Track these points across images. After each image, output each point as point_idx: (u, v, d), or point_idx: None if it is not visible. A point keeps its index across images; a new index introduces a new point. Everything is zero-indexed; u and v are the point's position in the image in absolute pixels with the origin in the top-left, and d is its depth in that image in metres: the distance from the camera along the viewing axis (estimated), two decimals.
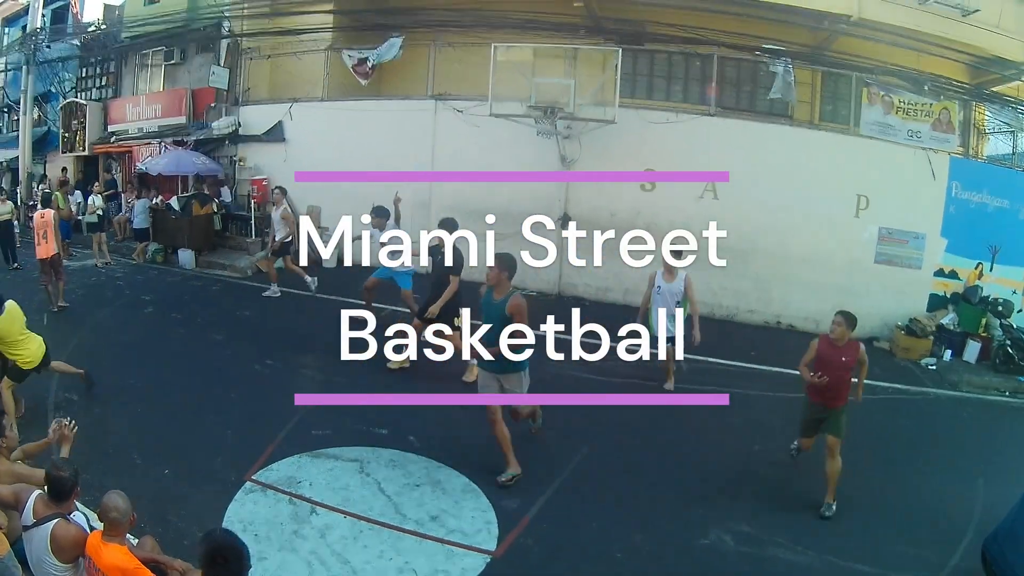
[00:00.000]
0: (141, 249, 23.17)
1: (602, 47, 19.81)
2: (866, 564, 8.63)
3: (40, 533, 6.05)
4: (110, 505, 5.94)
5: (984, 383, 16.53)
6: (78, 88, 31.82)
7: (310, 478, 9.63)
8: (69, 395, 11.91)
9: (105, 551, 5.85)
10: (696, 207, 19.42)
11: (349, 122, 22.35)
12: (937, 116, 18.94)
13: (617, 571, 8.30)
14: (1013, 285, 19.21)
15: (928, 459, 12.17)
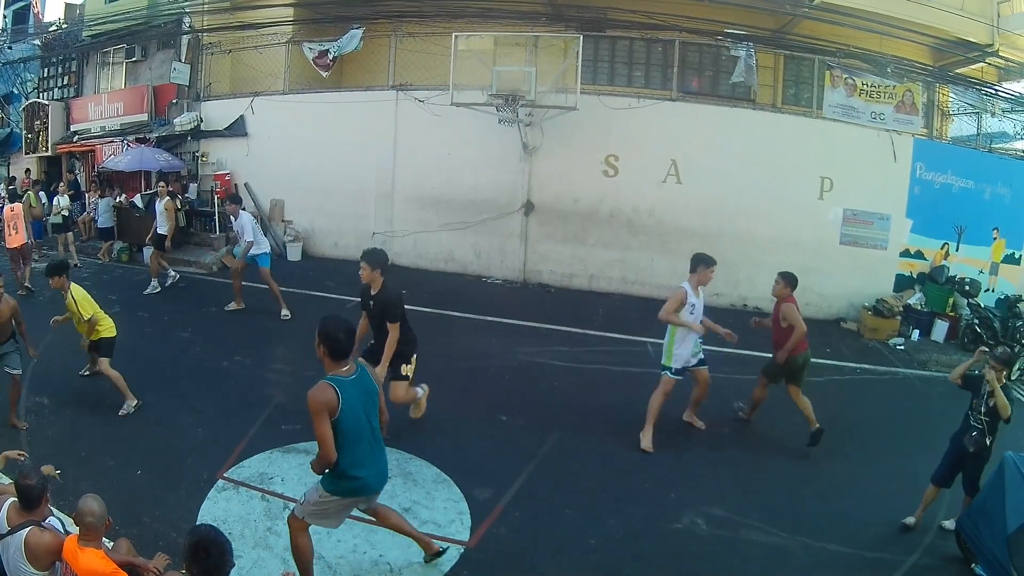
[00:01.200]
0: (106, 248, 22.97)
1: (563, 34, 19.81)
2: (840, 544, 8.68)
3: (14, 542, 5.95)
4: (85, 510, 5.85)
5: (952, 362, 16.07)
6: (40, 88, 31.56)
7: (282, 473, 9.59)
8: (40, 399, 11.72)
9: (82, 556, 5.76)
10: (659, 192, 19.64)
11: (311, 115, 22.38)
12: (900, 98, 19.12)
13: (592, 558, 8.29)
14: (979, 264, 19.49)
15: (899, 439, 12.26)
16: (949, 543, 8.65)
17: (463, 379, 13.40)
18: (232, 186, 23.61)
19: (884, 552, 8.60)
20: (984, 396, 8.79)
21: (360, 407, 6.78)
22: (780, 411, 12.69)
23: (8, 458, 7.39)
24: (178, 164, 24.48)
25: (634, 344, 16.00)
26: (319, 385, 6.61)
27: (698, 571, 8.27)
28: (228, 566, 5.29)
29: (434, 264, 20.82)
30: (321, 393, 6.55)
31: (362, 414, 6.81)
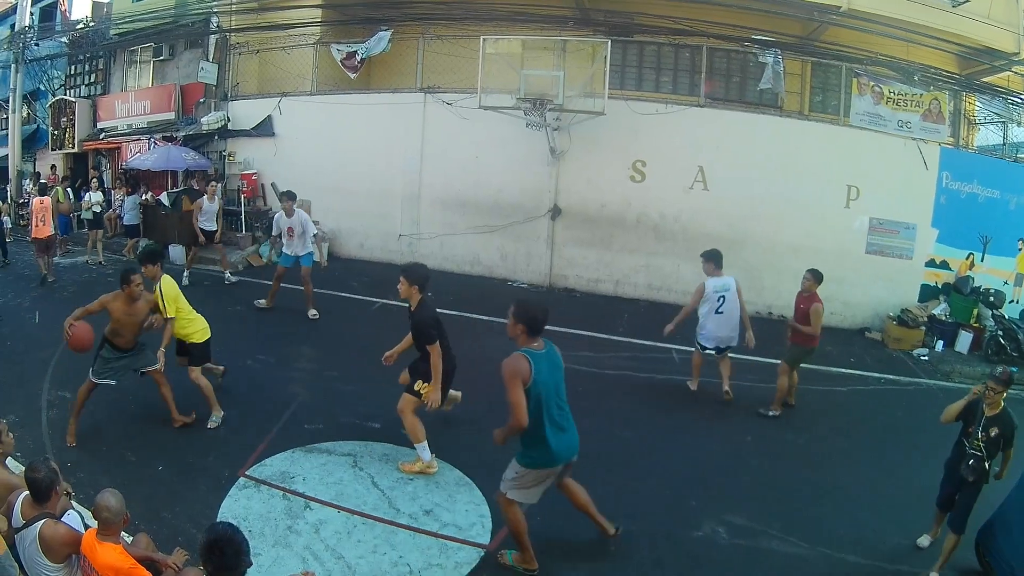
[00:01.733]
0: (131, 245, 23.01)
1: (591, 39, 19.68)
2: (860, 556, 8.64)
3: (29, 534, 6.02)
4: (102, 505, 5.90)
5: (977, 374, 16.33)
6: (67, 85, 31.64)
7: (303, 473, 9.60)
8: (62, 393, 11.83)
9: (100, 550, 5.80)
10: (686, 198, 19.57)
11: (338, 116, 22.38)
12: (927, 106, 18.98)
13: (611, 563, 8.28)
14: (1004, 275, 19.32)
15: (921, 450, 12.03)
16: (969, 556, 8.58)
17: (487, 382, 13.30)
18: (259, 186, 23.71)
19: (903, 564, 8.57)
20: (981, 421, 8.44)
21: (549, 378, 7.25)
22: (801, 421, 12.84)
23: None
24: (205, 163, 24.62)
25: (659, 351, 15.98)
26: (514, 356, 7.25)
27: None
28: (244, 565, 5.31)
29: (460, 267, 20.86)
30: (515, 362, 7.17)
31: (551, 385, 7.29)
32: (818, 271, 13.31)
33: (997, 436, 8.22)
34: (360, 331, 15.32)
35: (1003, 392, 8.28)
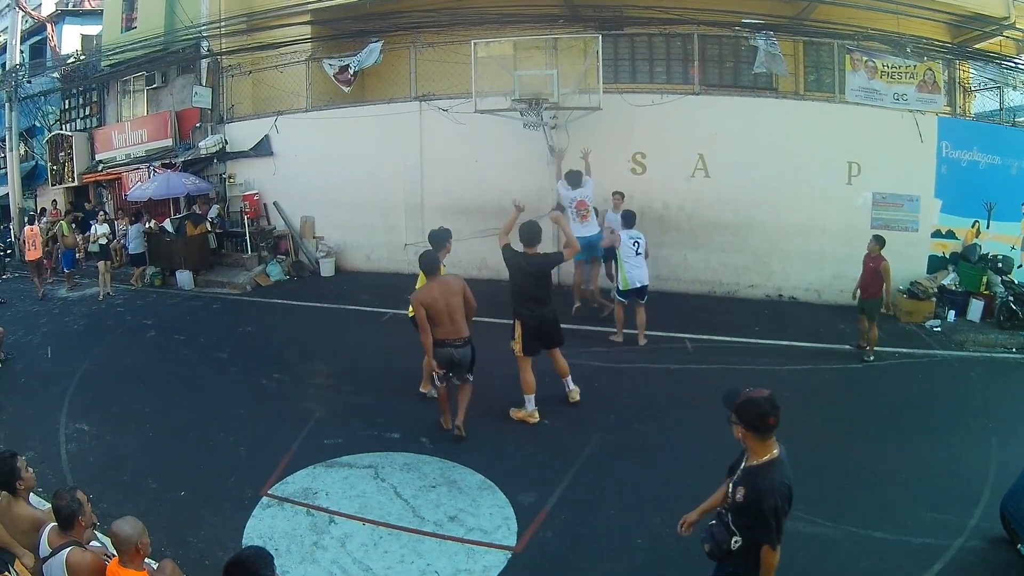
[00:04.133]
0: (139, 274, 23.16)
1: (582, 34, 19.74)
2: (885, 531, 8.62)
3: (56, 562, 6.01)
4: (116, 532, 5.90)
5: (990, 341, 16.55)
6: (62, 120, 31.95)
7: (326, 488, 9.59)
8: (80, 425, 11.87)
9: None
10: (688, 186, 19.58)
11: (335, 130, 22.42)
12: (922, 77, 18.90)
13: (638, 556, 8.28)
14: (1011, 241, 19.26)
15: (940, 422, 12.20)
16: (995, 525, 8.55)
17: (503, 384, 13.34)
18: (261, 206, 23.81)
19: (930, 537, 8.51)
20: (737, 472, 6.14)
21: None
22: (818, 400, 12.86)
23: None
24: (206, 187, 24.76)
25: (672, 341, 16.04)
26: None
27: None
28: None
29: (468, 272, 20.40)
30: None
31: None
32: (881, 237, 15.37)
33: (743, 503, 5.78)
34: (372, 343, 15.35)
35: (741, 428, 5.92)
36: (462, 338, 10.52)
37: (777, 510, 5.44)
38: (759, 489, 5.56)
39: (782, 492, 5.48)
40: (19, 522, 6.81)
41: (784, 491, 5.50)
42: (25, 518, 6.82)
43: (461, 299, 10.42)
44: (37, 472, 8.07)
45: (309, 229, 23.62)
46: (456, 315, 10.35)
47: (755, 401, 5.64)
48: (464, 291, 10.46)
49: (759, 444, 5.71)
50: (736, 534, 5.76)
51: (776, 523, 5.46)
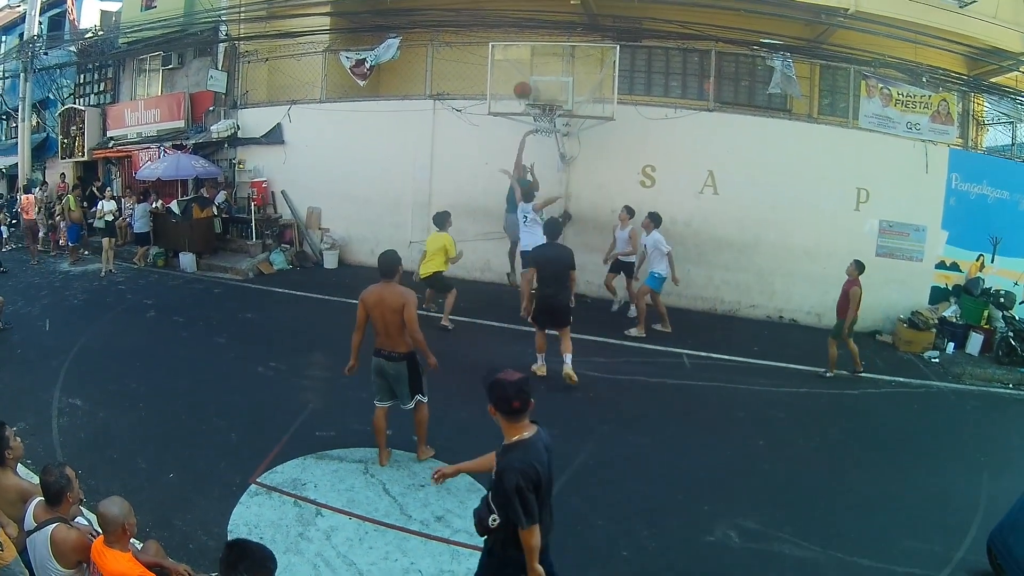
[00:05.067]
0: (142, 253, 23.17)
1: (600, 44, 19.69)
2: (872, 559, 8.61)
3: (40, 537, 6.05)
4: (102, 512, 5.93)
5: (987, 375, 16.54)
6: (76, 94, 31.98)
7: (315, 480, 9.58)
8: (73, 400, 11.90)
9: (109, 557, 5.83)
10: (696, 202, 19.55)
11: (348, 123, 22.45)
12: (936, 108, 18.92)
13: (624, 569, 8.28)
14: (1014, 277, 19.16)
15: (932, 453, 12.20)
16: (981, 559, 8.54)
17: None
18: (269, 194, 23.89)
19: (915, 567, 8.53)
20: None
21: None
22: (812, 424, 12.92)
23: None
24: (215, 171, 24.82)
25: (670, 355, 16.06)
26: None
27: None
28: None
29: (471, 273, 20.86)
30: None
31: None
32: (861, 262, 15.39)
33: (493, 481, 5.95)
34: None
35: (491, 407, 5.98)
36: (397, 352, 9.78)
37: (518, 489, 5.54)
38: (502, 468, 5.71)
39: (524, 472, 5.58)
40: (5, 492, 6.84)
41: (527, 472, 5.60)
42: (11, 488, 6.85)
43: (398, 317, 9.55)
44: (27, 444, 8.11)
45: (315, 220, 23.67)
46: (391, 329, 9.68)
47: (500, 383, 5.80)
48: (403, 309, 9.49)
49: (508, 425, 5.84)
50: (494, 512, 5.86)
51: (520, 503, 5.57)
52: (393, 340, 9.74)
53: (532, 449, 5.75)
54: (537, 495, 5.65)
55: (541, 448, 5.82)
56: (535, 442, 5.80)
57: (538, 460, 5.71)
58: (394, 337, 9.72)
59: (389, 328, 9.68)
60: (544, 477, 5.72)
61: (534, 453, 5.73)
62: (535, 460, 5.68)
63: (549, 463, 5.86)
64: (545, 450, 5.85)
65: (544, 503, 5.86)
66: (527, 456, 5.68)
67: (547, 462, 5.82)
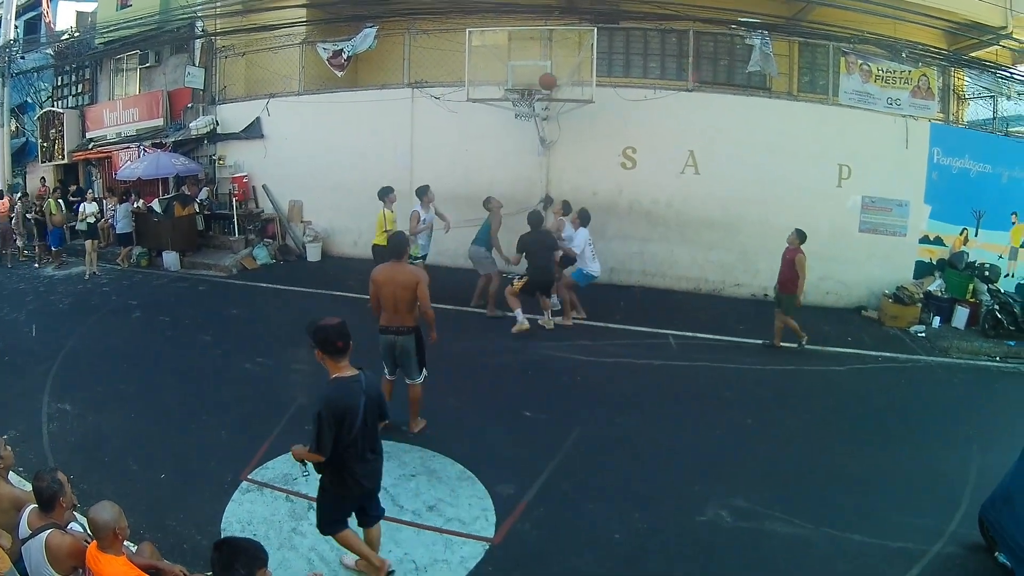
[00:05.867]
0: (125, 254, 22.99)
1: (577, 27, 19.73)
2: (864, 534, 8.63)
3: (35, 544, 5.97)
4: (92, 519, 5.84)
5: (974, 349, 16.69)
6: (54, 97, 31.73)
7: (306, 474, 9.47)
8: (62, 405, 11.79)
9: (104, 562, 5.73)
10: (678, 183, 19.62)
11: (327, 115, 22.44)
12: (916, 83, 18.99)
13: (616, 551, 8.27)
14: (998, 250, 19.33)
15: (921, 427, 12.26)
16: (973, 531, 8.56)
17: (485, 375, 13.51)
18: (250, 188, 23.78)
19: (908, 541, 8.51)
20: None
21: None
22: (800, 402, 12.94)
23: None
24: (195, 168, 24.63)
25: (656, 336, 16.12)
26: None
27: (723, 563, 8.23)
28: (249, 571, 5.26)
29: (454, 261, 20.65)
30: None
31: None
32: (802, 231, 15.28)
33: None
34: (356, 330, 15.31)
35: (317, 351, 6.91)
36: (405, 327, 10.41)
37: (319, 417, 6.43)
38: (317, 397, 6.72)
39: (328, 403, 6.49)
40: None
41: (331, 403, 6.51)
42: (4, 497, 6.77)
43: (411, 294, 10.22)
44: (18, 452, 8.08)
45: (297, 213, 23.61)
46: (401, 306, 10.29)
47: (324, 328, 6.76)
48: (416, 287, 10.18)
49: (332, 364, 6.75)
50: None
51: (317, 429, 6.48)
52: (402, 316, 10.31)
53: (345, 387, 6.64)
54: (340, 428, 6.51)
55: (357, 390, 6.68)
56: (351, 383, 6.69)
57: (348, 397, 6.60)
58: (403, 313, 10.30)
59: (399, 304, 10.24)
60: (351, 414, 6.57)
61: (345, 391, 6.62)
62: (344, 396, 6.59)
63: (367, 405, 6.71)
64: (363, 393, 6.71)
65: (357, 441, 6.72)
66: (337, 391, 6.59)
67: (362, 404, 6.67)
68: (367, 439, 6.85)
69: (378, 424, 7.09)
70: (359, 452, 6.80)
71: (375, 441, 7.04)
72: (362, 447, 6.81)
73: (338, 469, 6.79)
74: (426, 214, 17.26)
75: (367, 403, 6.72)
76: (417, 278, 10.23)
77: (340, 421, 6.50)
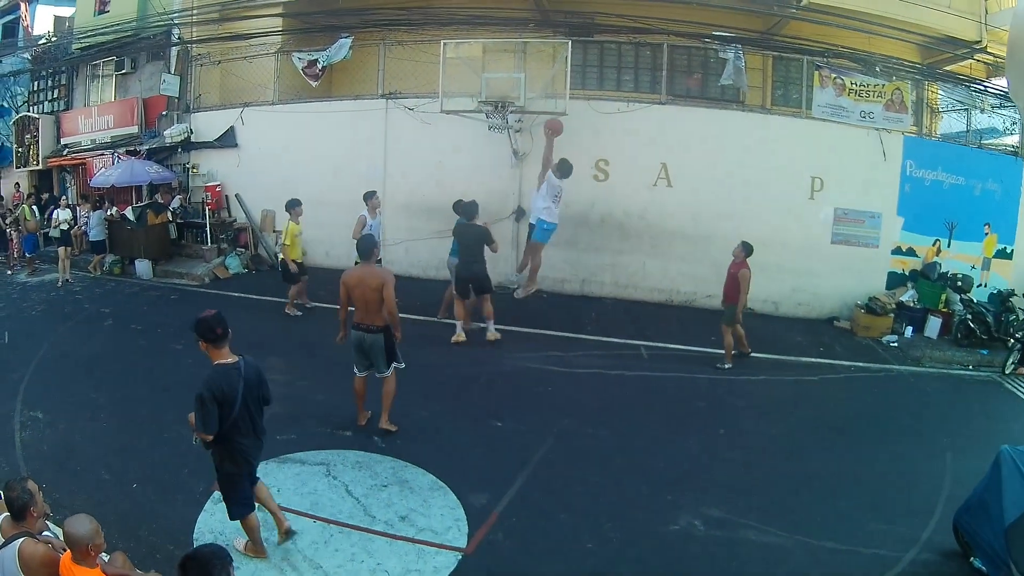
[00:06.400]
0: (97, 261, 22.81)
1: (552, 40, 19.67)
2: (838, 542, 8.72)
3: (8, 553, 5.87)
4: (68, 532, 5.79)
5: (947, 358, 16.92)
6: (30, 102, 31.43)
7: (278, 484, 9.52)
8: (34, 413, 11.73)
9: (78, 574, 5.74)
10: (650, 195, 19.72)
11: (301, 124, 22.39)
12: (890, 96, 19.14)
13: (589, 561, 8.30)
14: (971, 260, 19.53)
15: (895, 436, 12.33)
16: (948, 538, 8.65)
17: (457, 386, 13.50)
18: (223, 197, 23.73)
19: (882, 548, 8.62)
20: None
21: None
22: (773, 411, 13.09)
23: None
24: (169, 176, 24.44)
25: (627, 347, 16.17)
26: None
27: (696, 572, 8.29)
28: None
29: (426, 272, 20.76)
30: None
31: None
32: (749, 244, 15.41)
33: None
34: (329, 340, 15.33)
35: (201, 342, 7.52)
36: (375, 326, 10.86)
37: (201, 399, 7.05)
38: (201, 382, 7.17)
39: (210, 386, 7.09)
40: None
41: (212, 386, 7.10)
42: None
43: (377, 295, 10.67)
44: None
45: (270, 223, 23.50)
46: (371, 307, 10.79)
47: (203, 319, 7.40)
48: (382, 288, 10.66)
49: (215, 352, 7.36)
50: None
51: (200, 410, 7.10)
52: (371, 315, 10.84)
53: (225, 372, 7.26)
54: (222, 409, 7.13)
55: (235, 375, 7.31)
56: (231, 369, 7.32)
57: (227, 381, 7.21)
58: (372, 313, 10.83)
59: (368, 305, 10.78)
60: (231, 396, 7.19)
61: (225, 375, 7.23)
62: (223, 380, 7.18)
63: (246, 389, 7.36)
64: (242, 378, 7.34)
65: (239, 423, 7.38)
66: (218, 376, 7.17)
67: (240, 387, 7.30)
68: (251, 420, 7.54)
69: (261, 407, 7.74)
70: (244, 430, 7.47)
71: (259, 422, 7.71)
72: (246, 427, 7.48)
73: (228, 448, 7.40)
74: (372, 220, 17.09)
75: (246, 387, 7.36)
76: (383, 280, 10.69)
77: (220, 403, 7.11)
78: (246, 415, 7.42)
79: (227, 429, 7.26)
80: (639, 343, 16.29)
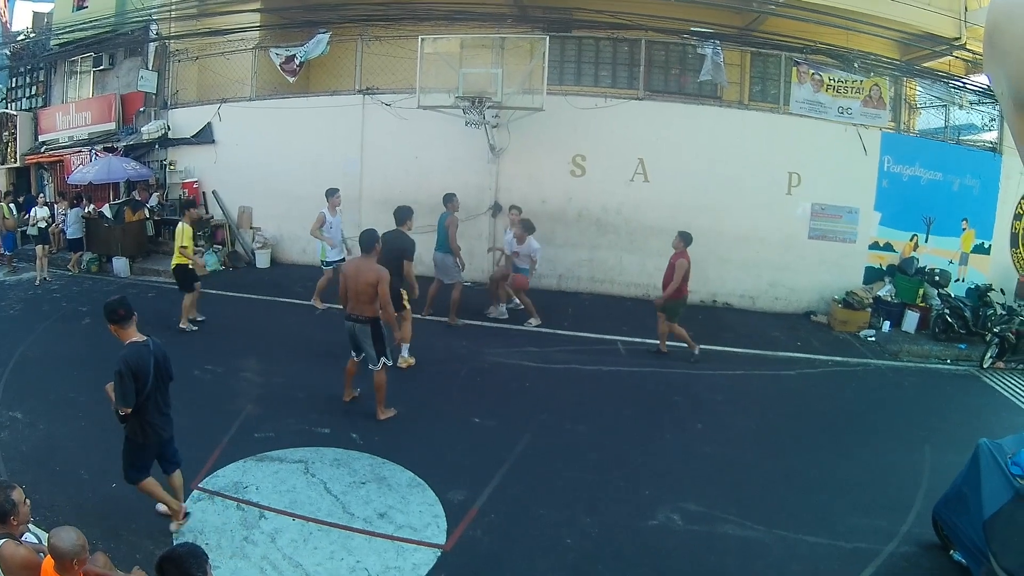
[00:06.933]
0: (75, 259, 22.71)
1: (529, 35, 19.73)
2: (818, 536, 8.73)
3: None
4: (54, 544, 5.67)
5: (924, 352, 16.98)
6: (8, 99, 31.46)
7: (256, 482, 9.49)
8: (13, 413, 11.59)
9: None
10: (627, 190, 19.77)
11: (278, 120, 22.30)
12: (868, 92, 19.27)
13: (568, 557, 8.27)
14: (949, 255, 19.73)
15: (873, 429, 12.39)
16: (927, 531, 8.69)
17: (434, 382, 13.48)
18: (200, 194, 23.66)
19: (862, 542, 8.63)
20: None
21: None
22: (751, 406, 13.07)
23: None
24: (146, 173, 24.40)
25: (604, 343, 16.23)
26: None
27: (675, 567, 8.24)
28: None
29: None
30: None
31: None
32: (687, 233, 15.28)
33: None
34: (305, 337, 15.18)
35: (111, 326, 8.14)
36: (363, 316, 11.25)
37: (120, 374, 7.59)
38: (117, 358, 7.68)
39: (127, 362, 7.62)
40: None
41: (128, 362, 7.64)
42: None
43: (370, 290, 11.04)
44: None
45: (247, 219, 23.49)
46: (361, 298, 11.15)
47: (108, 303, 8.00)
48: (376, 284, 11.02)
49: (123, 332, 7.94)
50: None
51: (119, 385, 7.65)
52: (361, 306, 11.25)
53: (137, 349, 7.80)
54: (137, 383, 7.66)
55: (146, 352, 7.86)
56: (141, 347, 7.84)
57: (140, 357, 7.76)
58: (362, 304, 11.23)
59: (360, 296, 11.18)
60: (144, 371, 7.75)
61: (138, 352, 7.77)
62: (137, 356, 7.72)
63: (155, 364, 7.92)
64: (151, 354, 7.91)
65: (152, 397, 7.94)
66: (132, 353, 7.71)
67: (151, 363, 7.87)
68: (161, 394, 8.11)
69: (167, 383, 8.25)
70: (156, 405, 8.03)
71: (167, 397, 8.26)
72: (157, 401, 8.04)
73: (141, 421, 7.94)
74: (332, 217, 17.34)
75: (155, 363, 7.92)
76: (378, 276, 11.04)
77: (136, 376, 7.65)
78: (157, 390, 7.98)
79: (142, 403, 7.81)
80: (616, 338, 16.34)
